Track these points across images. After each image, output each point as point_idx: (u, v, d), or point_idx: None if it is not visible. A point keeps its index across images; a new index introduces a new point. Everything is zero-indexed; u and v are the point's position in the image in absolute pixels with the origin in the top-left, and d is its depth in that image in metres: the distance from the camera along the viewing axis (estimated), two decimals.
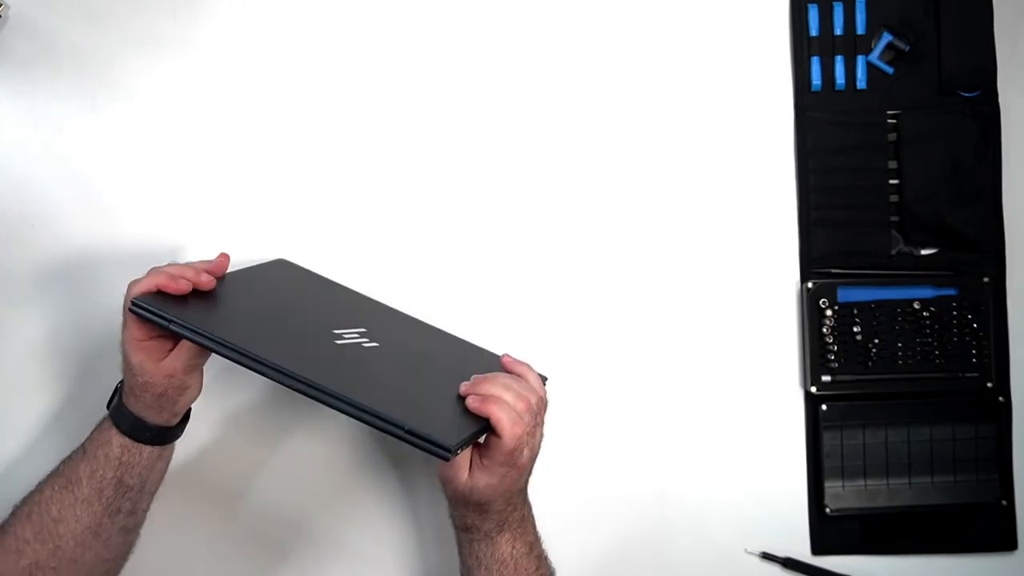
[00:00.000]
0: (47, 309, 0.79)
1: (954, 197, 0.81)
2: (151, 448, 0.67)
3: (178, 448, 0.71)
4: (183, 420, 0.69)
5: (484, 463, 0.64)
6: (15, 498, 0.68)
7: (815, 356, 0.81)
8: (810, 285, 0.81)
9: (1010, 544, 0.82)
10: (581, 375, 0.81)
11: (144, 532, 0.71)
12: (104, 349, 0.79)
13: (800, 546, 0.81)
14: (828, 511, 0.81)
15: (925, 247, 0.82)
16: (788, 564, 0.81)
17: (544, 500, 0.80)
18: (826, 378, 0.81)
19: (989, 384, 0.81)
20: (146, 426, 0.66)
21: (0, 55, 0.79)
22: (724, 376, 0.82)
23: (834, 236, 0.82)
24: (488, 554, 0.68)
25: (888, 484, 0.81)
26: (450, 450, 0.56)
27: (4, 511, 0.68)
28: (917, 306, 0.81)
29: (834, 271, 0.82)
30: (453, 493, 0.66)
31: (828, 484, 0.81)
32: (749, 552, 0.81)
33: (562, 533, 0.74)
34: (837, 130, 0.82)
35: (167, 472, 0.71)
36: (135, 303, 0.61)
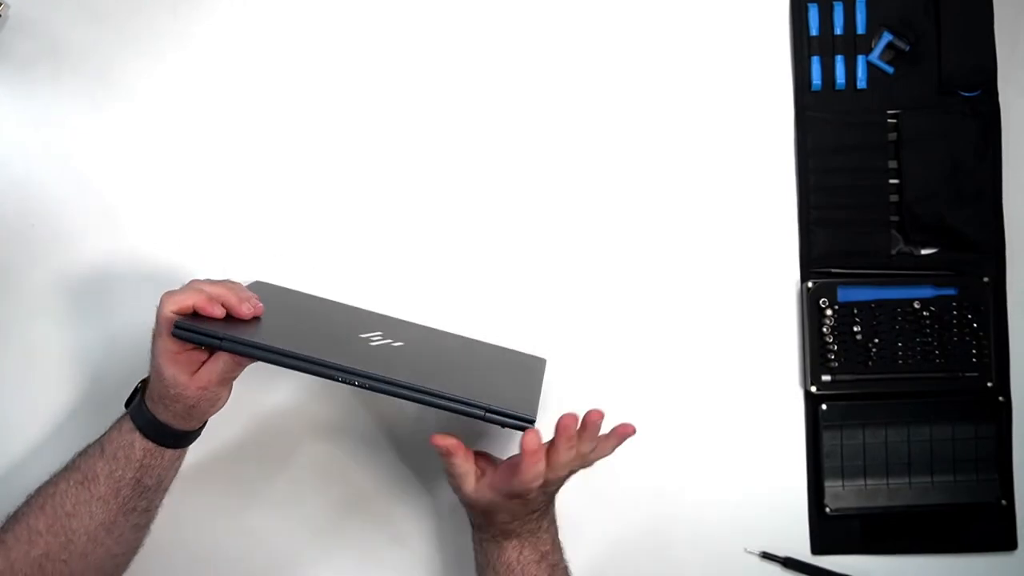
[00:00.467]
0: (47, 308, 0.79)
1: (954, 197, 0.81)
2: (173, 451, 0.67)
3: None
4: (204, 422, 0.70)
5: (491, 483, 0.65)
6: (22, 500, 0.67)
7: (815, 356, 0.81)
8: (810, 285, 0.81)
9: (1010, 544, 0.82)
10: (581, 374, 0.81)
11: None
12: (104, 348, 0.79)
13: (800, 546, 0.81)
14: (828, 511, 0.81)
15: (925, 247, 0.82)
16: (788, 564, 0.81)
17: None
18: (826, 378, 0.81)
19: (989, 384, 0.81)
20: (171, 432, 0.66)
21: (0, 55, 0.79)
22: (724, 376, 0.82)
23: (834, 236, 0.82)
24: (495, 555, 0.68)
25: (888, 484, 0.81)
26: (532, 421, 0.62)
27: (13, 508, 0.67)
28: (917, 306, 0.81)
29: (834, 271, 0.82)
30: (461, 497, 0.68)
31: (828, 484, 0.81)
32: (749, 552, 0.81)
33: (561, 533, 0.74)
34: (837, 130, 0.82)
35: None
36: (179, 327, 0.61)
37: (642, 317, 0.82)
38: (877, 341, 0.81)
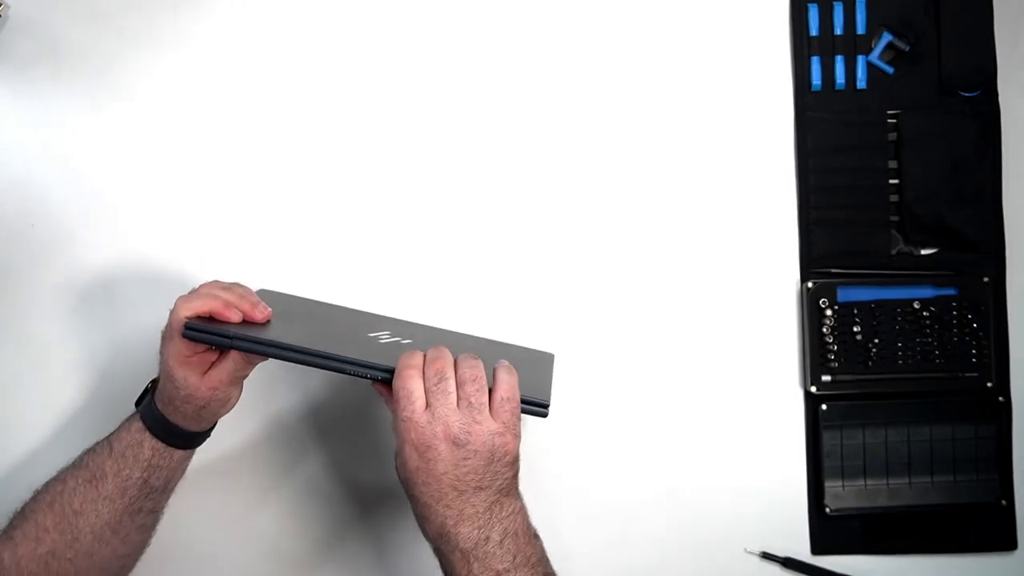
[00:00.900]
0: (47, 308, 0.79)
1: (954, 197, 0.81)
2: (181, 452, 0.67)
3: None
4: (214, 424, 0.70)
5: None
6: (27, 498, 0.68)
7: (815, 356, 0.81)
8: (810, 285, 0.81)
9: (1010, 544, 0.82)
10: (580, 374, 0.81)
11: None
12: (104, 348, 0.79)
13: (800, 546, 0.81)
14: (828, 511, 0.81)
15: (925, 247, 0.82)
16: (788, 564, 0.81)
17: (544, 500, 0.80)
18: (826, 378, 0.81)
19: (989, 384, 0.81)
20: (181, 432, 0.66)
21: (0, 55, 0.79)
22: (724, 376, 0.82)
23: (834, 236, 0.82)
24: (449, 573, 0.60)
25: (888, 484, 0.81)
26: (546, 405, 0.62)
27: (18, 507, 0.67)
28: (917, 306, 0.81)
29: (834, 271, 0.82)
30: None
31: (828, 484, 0.81)
32: (749, 552, 0.81)
33: (561, 533, 0.74)
34: (837, 130, 0.82)
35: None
36: (189, 328, 0.61)
37: (642, 318, 0.82)
38: (877, 341, 0.81)
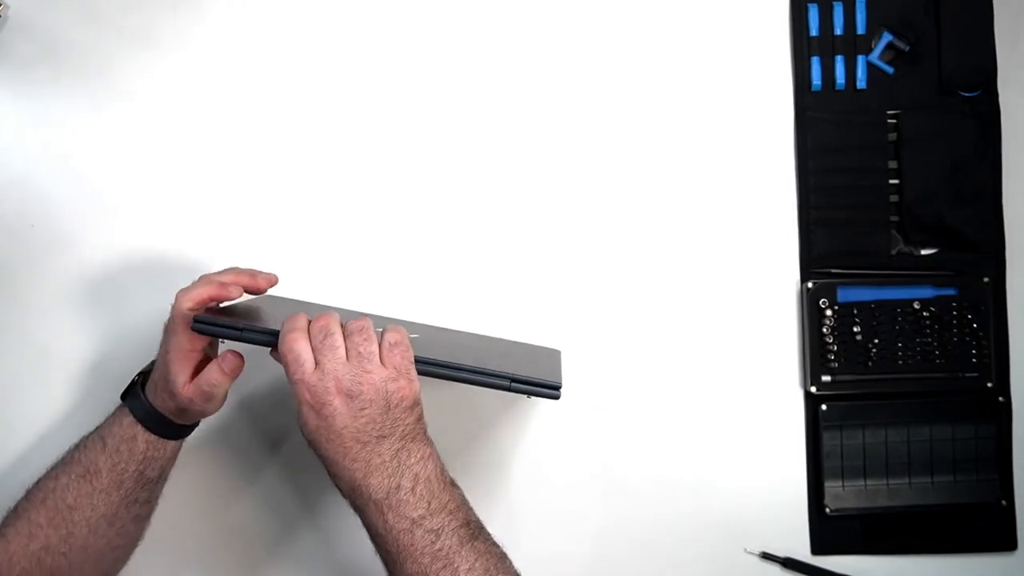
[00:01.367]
0: (46, 309, 0.79)
1: (954, 197, 0.81)
2: (174, 443, 0.68)
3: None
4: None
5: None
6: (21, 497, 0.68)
7: (815, 356, 0.81)
8: (810, 285, 0.81)
9: (1010, 544, 0.82)
10: (580, 374, 0.81)
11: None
12: (104, 348, 0.79)
13: (800, 546, 0.81)
14: (828, 511, 0.81)
15: (925, 247, 0.82)
16: (788, 564, 0.81)
17: (544, 501, 0.80)
18: (826, 378, 0.81)
19: (989, 384, 0.81)
20: (172, 424, 0.66)
21: (0, 55, 0.79)
22: (724, 376, 0.82)
23: (834, 236, 0.82)
24: (367, 527, 0.60)
25: (888, 484, 0.81)
26: (558, 387, 0.62)
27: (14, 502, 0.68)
28: (917, 306, 0.81)
29: (834, 271, 0.82)
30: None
31: (828, 484, 0.81)
32: (749, 552, 0.81)
33: (561, 533, 0.74)
34: (837, 130, 0.82)
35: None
36: (198, 321, 0.61)
37: (642, 318, 0.82)
38: (877, 341, 0.81)
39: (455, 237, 0.81)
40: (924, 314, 0.81)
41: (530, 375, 0.63)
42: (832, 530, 0.81)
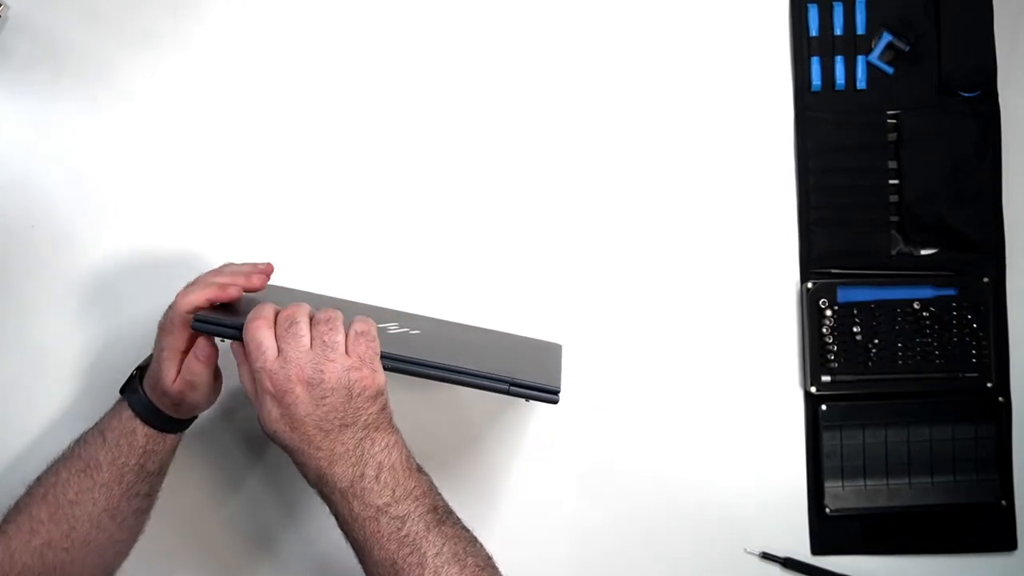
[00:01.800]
0: (46, 308, 0.79)
1: (954, 197, 0.81)
2: (174, 436, 0.68)
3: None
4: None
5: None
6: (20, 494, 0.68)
7: (815, 356, 0.81)
8: (810, 285, 0.81)
9: (1010, 544, 0.82)
10: (580, 373, 0.81)
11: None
12: (103, 348, 0.79)
13: (800, 546, 0.81)
14: (828, 511, 0.81)
15: (925, 247, 0.82)
16: (788, 564, 0.81)
17: (544, 501, 0.80)
18: (826, 378, 0.81)
19: (989, 384, 0.81)
20: (170, 419, 0.67)
21: (0, 55, 0.79)
22: (724, 376, 0.82)
23: (834, 236, 0.82)
24: (335, 515, 0.60)
25: (888, 484, 0.81)
26: (557, 392, 0.62)
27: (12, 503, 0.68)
28: (917, 306, 0.81)
29: (834, 271, 0.82)
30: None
31: (828, 484, 0.81)
32: (749, 552, 0.81)
33: (561, 533, 0.74)
34: (837, 130, 0.82)
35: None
36: (199, 320, 0.61)
37: (642, 318, 0.82)
38: (877, 341, 0.81)
39: (458, 232, 0.81)
40: (924, 314, 0.81)
41: (529, 379, 0.62)
42: (832, 530, 0.81)
